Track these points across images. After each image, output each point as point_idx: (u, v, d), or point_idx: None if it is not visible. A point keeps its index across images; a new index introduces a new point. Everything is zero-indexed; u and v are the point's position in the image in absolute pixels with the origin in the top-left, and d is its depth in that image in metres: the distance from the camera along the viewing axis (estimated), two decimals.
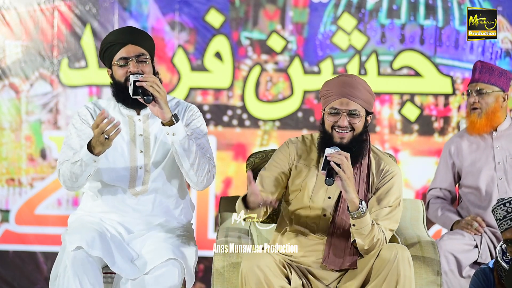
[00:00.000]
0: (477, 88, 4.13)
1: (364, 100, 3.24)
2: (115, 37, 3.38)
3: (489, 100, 4.12)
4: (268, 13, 5.50)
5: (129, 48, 3.35)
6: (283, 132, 5.49)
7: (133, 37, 3.37)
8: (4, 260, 5.49)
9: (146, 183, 3.39)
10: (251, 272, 3.07)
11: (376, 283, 3.10)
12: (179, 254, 3.26)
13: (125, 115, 3.41)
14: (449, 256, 3.96)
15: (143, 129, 3.40)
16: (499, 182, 4.10)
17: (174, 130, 3.24)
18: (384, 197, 3.26)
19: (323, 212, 3.27)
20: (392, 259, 3.07)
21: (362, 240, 3.16)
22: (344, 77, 3.29)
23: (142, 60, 3.35)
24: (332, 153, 3.12)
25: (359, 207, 3.12)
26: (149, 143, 3.39)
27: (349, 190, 3.11)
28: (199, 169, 3.32)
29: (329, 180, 3.10)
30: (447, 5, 5.45)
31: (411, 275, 3.09)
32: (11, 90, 5.48)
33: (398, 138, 5.50)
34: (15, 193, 5.51)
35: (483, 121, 4.12)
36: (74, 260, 3.14)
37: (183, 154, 3.27)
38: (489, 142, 4.16)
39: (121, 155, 3.38)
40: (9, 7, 5.46)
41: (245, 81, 5.50)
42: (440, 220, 4.22)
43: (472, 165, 4.15)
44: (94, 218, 3.38)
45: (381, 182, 3.28)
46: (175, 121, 3.24)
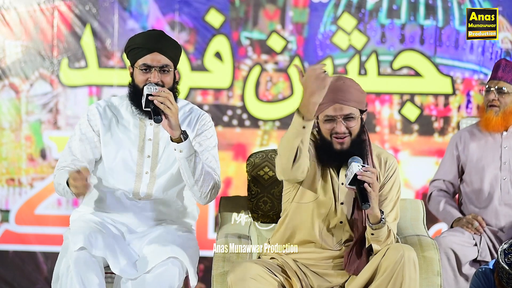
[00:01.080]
0: (498, 86, 4.09)
1: (357, 101, 3.19)
2: (144, 41, 3.32)
3: (508, 99, 4.09)
4: (268, 13, 5.50)
5: (154, 56, 3.30)
6: (283, 132, 5.45)
7: (161, 45, 3.32)
8: (4, 260, 5.49)
9: (151, 189, 3.37)
10: (236, 285, 3.03)
11: (381, 282, 3.07)
12: (180, 252, 3.25)
13: (137, 117, 3.38)
14: (449, 251, 3.95)
15: (153, 133, 3.37)
16: (503, 182, 4.10)
17: (182, 148, 3.21)
18: (389, 193, 3.25)
19: (339, 220, 3.24)
20: (398, 259, 3.05)
21: (379, 245, 3.14)
22: (333, 82, 3.14)
23: (165, 70, 3.31)
24: (360, 170, 3.04)
25: (381, 220, 3.10)
26: (158, 148, 3.37)
27: (374, 206, 3.07)
28: (203, 186, 3.29)
29: (365, 205, 3.01)
30: (447, 5, 5.45)
31: (416, 277, 3.07)
32: (11, 90, 5.48)
33: (398, 138, 5.50)
34: (15, 193, 5.51)
35: (499, 119, 4.10)
36: (77, 260, 3.13)
37: (188, 171, 3.25)
38: (498, 141, 4.15)
39: (129, 158, 3.36)
40: (9, 7, 5.46)
41: (245, 81, 5.50)
42: (441, 215, 4.22)
43: (477, 161, 4.14)
44: (96, 217, 3.36)
45: (386, 177, 3.27)
46: (183, 138, 3.21)
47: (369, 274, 3.14)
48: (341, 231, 3.24)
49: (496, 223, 4.09)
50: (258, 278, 3.05)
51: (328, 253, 3.24)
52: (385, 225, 3.11)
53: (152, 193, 3.37)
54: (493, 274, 3.68)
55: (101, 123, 3.37)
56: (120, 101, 3.43)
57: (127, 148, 3.35)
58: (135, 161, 3.35)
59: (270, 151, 3.76)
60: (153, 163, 3.36)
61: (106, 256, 3.16)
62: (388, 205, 3.24)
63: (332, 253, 3.24)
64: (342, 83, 3.19)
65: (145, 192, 3.36)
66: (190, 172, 3.24)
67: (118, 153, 3.34)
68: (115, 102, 3.43)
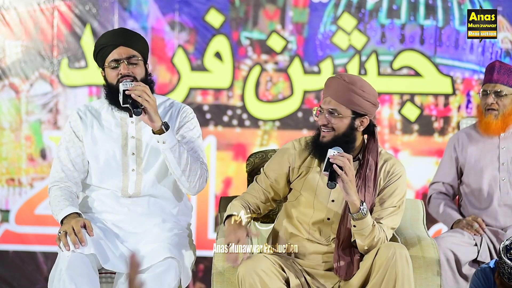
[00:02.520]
0: (496, 89, 4.06)
1: (345, 99, 3.20)
2: (107, 39, 3.40)
3: (507, 102, 4.07)
4: (268, 13, 5.49)
5: (120, 50, 3.35)
6: (283, 132, 5.49)
7: (124, 39, 3.38)
8: (4, 260, 5.48)
9: (139, 186, 3.39)
10: (247, 276, 3.06)
11: (375, 282, 3.10)
12: (177, 253, 3.26)
13: (118, 117, 3.42)
14: (448, 252, 3.95)
15: (135, 131, 3.40)
16: (502, 183, 4.09)
17: (165, 139, 3.26)
18: (389, 198, 3.25)
19: (326, 216, 3.27)
20: (390, 257, 3.07)
21: (362, 240, 3.16)
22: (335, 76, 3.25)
23: (133, 62, 3.35)
24: (334, 154, 3.09)
25: (360, 209, 3.11)
26: (141, 145, 3.40)
27: (350, 193, 3.09)
28: (190, 175, 3.33)
29: (331, 183, 3.07)
30: (447, 5, 5.45)
31: (409, 273, 3.09)
32: (11, 90, 5.48)
33: (398, 138, 5.50)
34: (15, 193, 5.51)
35: (499, 122, 4.08)
36: (69, 263, 3.15)
37: (173, 161, 3.29)
38: (495, 142, 4.14)
39: (113, 158, 3.39)
40: (9, 7, 5.46)
41: (245, 81, 5.50)
42: (441, 217, 4.22)
43: (475, 163, 4.14)
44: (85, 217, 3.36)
45: (387, 183, 3.27)
46: (165, 129, 3.26)
47: (363, 273, 3.16)
48: (329, 228, 3.25)
49: (496, 223, 4.09)
50: (268, 271, 3.09)
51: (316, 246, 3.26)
52: (366, 216, 3.11)
53: (140, 190, 3.39)
54: (493, 273, 3.68)
55: (83, 127, 3.41)
56: (100, 104, 3.47)
57: (110, 148, 3.39)
58: (120, 159, 3.39)
59: (270, 151, 3.76)
60: (138, 160, 3.39)
61: (95, 253, 3.17)
62: (387, 209, 3.24)
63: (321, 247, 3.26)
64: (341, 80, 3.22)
65: (133, 189, 3.39)
66: (175, 162, 3.28)
67: (102, 153, 3.38)
68: (96, 106, 3.48)
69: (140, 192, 3.39)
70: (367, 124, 3.24)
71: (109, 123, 3.42)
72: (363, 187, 3.21)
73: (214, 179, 5.51)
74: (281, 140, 5.44)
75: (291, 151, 3.33)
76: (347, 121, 3.20)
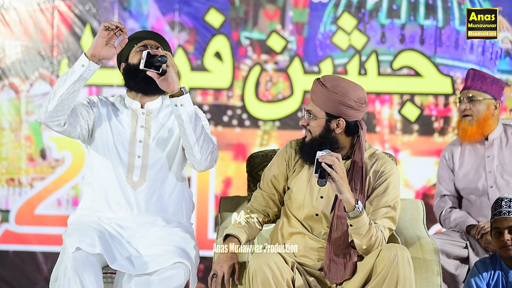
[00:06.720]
0: (468, 95, 4.16)
1: (321, 103, 3.24)
2: (140, 33, 3.54)
3: (481, 107, 4.14)
4: (268, 13, 5.50)
5: (150, 41, 3.46)
6: (283, 132, 5.49)
7: (155, 36, 3.51)
8: (4, 260, 5.49)
9: (144, 173, 3.42)
10: (259, 269, 3.07)
11: (376, 283, 3.10)
12: (185, 256, 3.30)
13: (130, 108, 3.49)
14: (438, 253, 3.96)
15: (145, 121, 3.46)
16: (490, 190, 4.13)
17: (183, 101, 3.29)
18: (381, 197, 3.25)
19: (314, 212, 3.28)
20: (392, 259, 3.07)
21: (360, 240, 3.15)
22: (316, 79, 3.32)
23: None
24: (323, 155, 3.13)
25: (355, 207, 3.11)
26: (149, 134, 3.45)
27: (343, 190, 3.10)
28: (203, 146, 3.35)
29: (321, 181, 3.10)
30: (447, 5, 5.45)
31: (411, 275, 3.09)
32: (11, 90, 5.48)
33: (398, 138, 5.50)
34: (15, 193, 5.51)
35: (474, 128, 4.15)
36: (75, 261, 3.16)
37: (189, 127, 3.31)
38: (480, 152, 4.19)
39: (121, 143, 3.44)
40: (9, 7, 5.46)
41: (245, 81, 5.50)
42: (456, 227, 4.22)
43: (465, 175, 4.19)
44: (92, 217, 3.40)
45: (378, 182, 3.27)
46: (184, 92, 3.30)
47: (364, 275, 3.16)
48: (319, 224, 3.27)
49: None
50: (280, 266, 3.11)
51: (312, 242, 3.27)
52: (362, 214, 3.11)
53: (145, 178, 3.42)
54: (492, 263, 3.71)
55: (98, 110, 3.48)
56: (114, 99, 3.57)
57: (120, 134, 3.45)
58: (127, 145, 3.44)
59: (270, 151, 3.77)
60: (145, 147, 3.43)
61: (102, 252, 3.18)
62: (381, 209, 3.23)
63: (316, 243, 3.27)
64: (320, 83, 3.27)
65: (138, 176, 3.41)
66: (191, 129, 3.31)
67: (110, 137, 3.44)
68: (110, 99, 3.57)
69: (144, 180, 3.41)
70: (343, 126, 3.24)
71: (121, 112, 3.50)
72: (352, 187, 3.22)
73: (214, 179, 5.51)
74: (281, 140, 5.44)
75: (287, 149, 3.40)
76: (321, 122, 3.25)
